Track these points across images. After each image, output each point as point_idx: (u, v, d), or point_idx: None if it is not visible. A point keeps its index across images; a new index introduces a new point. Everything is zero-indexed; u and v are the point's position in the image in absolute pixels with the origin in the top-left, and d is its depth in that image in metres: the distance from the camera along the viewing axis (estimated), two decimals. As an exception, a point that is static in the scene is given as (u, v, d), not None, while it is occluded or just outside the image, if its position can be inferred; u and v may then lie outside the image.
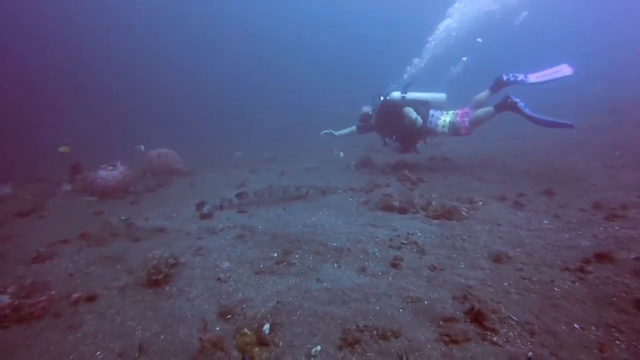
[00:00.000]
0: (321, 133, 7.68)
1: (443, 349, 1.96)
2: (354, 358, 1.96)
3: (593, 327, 1.99)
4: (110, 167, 6.22)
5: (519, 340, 1.96)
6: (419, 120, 6.34)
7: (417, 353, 1.94)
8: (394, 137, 7.00)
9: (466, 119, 6.30)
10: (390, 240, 3.43)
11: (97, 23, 28.35)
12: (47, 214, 5.13)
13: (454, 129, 6.38)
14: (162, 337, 2.33)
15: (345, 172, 7.11)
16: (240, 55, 34.13)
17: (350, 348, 2.04)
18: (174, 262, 3.16)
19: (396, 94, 6.80)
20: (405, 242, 3.36)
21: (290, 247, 3.40)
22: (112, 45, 29.14)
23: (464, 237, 3.38)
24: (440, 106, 6.72)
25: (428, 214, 4.11)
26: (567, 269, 2.60)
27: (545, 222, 3.57)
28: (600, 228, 3.23)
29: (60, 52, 26.92)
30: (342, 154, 8.47)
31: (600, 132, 8.25)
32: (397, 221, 3.97)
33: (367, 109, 7.31)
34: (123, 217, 4.67)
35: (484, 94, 6.44)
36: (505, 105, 5.77)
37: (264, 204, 4.13)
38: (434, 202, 4.34)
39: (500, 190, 4.82)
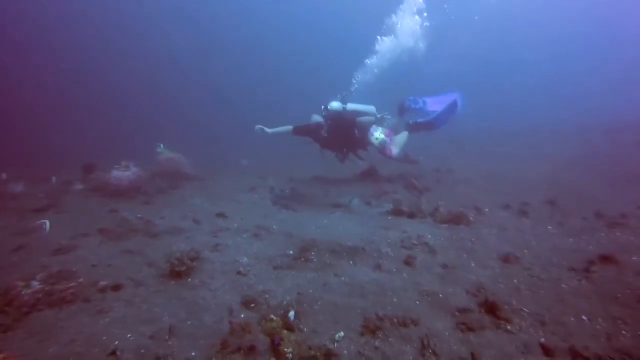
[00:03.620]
0: (256, 127, 6.95)
1: (460, 336, 2.10)
2: (376, 342, 2.09)
3: (600, 319, 2.13)
4: (124, 168, 6.36)
5: (531, 329, 2.10)
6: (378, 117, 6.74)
7: (436, 339, 2.08)
8: (339, 149, 7.03)
9: (391, 140, 7.00)
10: (402, 241, 3.57)
11: (110, 25, 28.84)
12: (63, 210, 5.24)
13: (382, 147, 6.94)
14: (188, 322, 2.45)
15: (352, 180, 7.28)
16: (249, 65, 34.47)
17: (372, 334, 2.17)
18: (196, 255, 3.28)
19: (336, 104, 6.89)
20: (417, 243, 3.51)
21: (305, 245, 3.53)
22: (124, 48, 29.61)
23: (472, 240, 3.54)
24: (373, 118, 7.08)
25: (436, 219, 4.27)
26: (573, 269, 2.76)
27: (550, 228, 3.74)
28: (602, 234, 3.40)
29: (74, 53, 27.32)
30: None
31: (597, 151, 8.51)
32: (407, 225, 4.12)
33: (318, 117, 6.89)
34: (139, 215, 4.80)
35: (394, 120, 7.23)
36: (401, 110, 6.98)
37: (299, 204, 4.10)
38: (441, 209, 4.50)
39: (505, 200, 4.99)
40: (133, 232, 4.21)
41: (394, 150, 6.95)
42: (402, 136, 7.08)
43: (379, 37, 8.97)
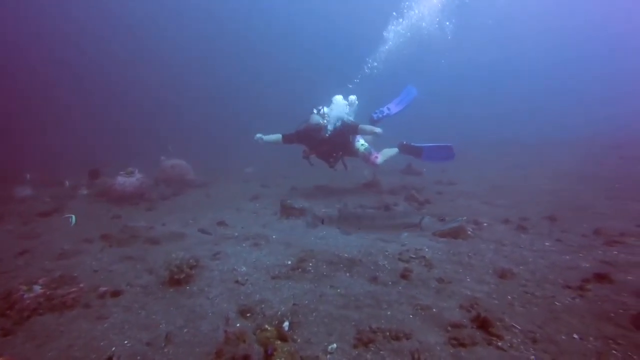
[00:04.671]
0: (255, 137, 6.77)
1: (451, 351, 2.11)
2: (368, 355, 2.12)
3: (592, 338, 2.14)
4: (128, 174, 6.48)
5: (522, 347, 2.11)
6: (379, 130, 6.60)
7: (427, 353, 2.10)
8: (334, 152, 6.79)
9: (378, 151, 7.10)
10: (400, 254, 3.60)
11: (112, 29, 29.35)
12: (68, 215, 5.34)
13: (368, 153, 6.95)
14: (185, 330, 2.49)
15: (355, 191, 7.32)
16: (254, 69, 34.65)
17: (364, 347, 2.20)
18: (195, 263, 3.34)
19: (327, 110, 6.69)
20: (414, 256, 3.53)
21: (304, 256, 3.57)
22: (127, 53, 30.10)
23: (470, 254, 3.55)
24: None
25: (435, 232, 4.28)
26: (568, 287, 2.76)
27: (548, 244, 3.74)
28: (600, 252, 3.39)
29: (76, 58, 27.84)
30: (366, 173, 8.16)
31: (603, 166, 8.48)
32: (406, 237, 4.14)
33: (318, 118, 6.35)
34: (141, 222, 4.87)
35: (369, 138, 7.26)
36: (372, 124, 7.07)
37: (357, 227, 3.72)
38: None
39: (505, 214, 4.99)
40: (135, 238, 4.29)
41: (380, 158, 7.02)
42: (391, 151, 7.19)
43: (394, 13, 9.26)
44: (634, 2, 31.53)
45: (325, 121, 6.40)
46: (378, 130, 6.45)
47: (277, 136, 6.78)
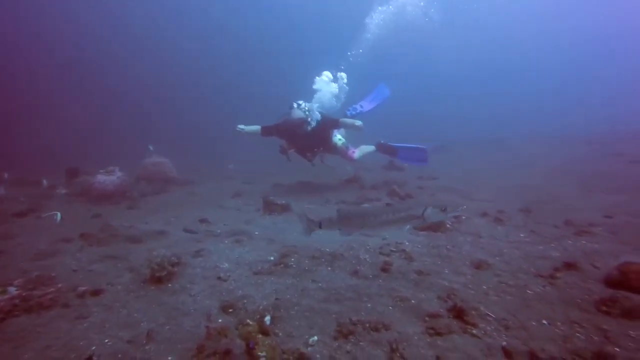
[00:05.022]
0: (237, 127, 6.66)
1: (428, 340, 2.19)
2: (348, 346, 2.18)
3: (559, 323, 2.26)
4: (109, 172, 6.35)
5: (495, 334, 2.21)
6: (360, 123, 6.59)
7: (405, 343, 2.17)
8: (315, 148, 6.79)
9: (355, 146, 7.22)
10: (380, 248, 3.67)
11: (99, 23, 28.49)
12: (45, 215, 5.21)
13: (345, 147, 7.08)
14: (167, 327, 2.50)
15: (337, 186, 7.39)
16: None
17: (344, 338, 2.25)
18: (177, 261, 3.32)
19: (307, 105, 6.64)
20: (395, 250, 3.61)
21: (286, 252, 3.61)
22: (114, 49, 29.30)
23: (448, 247, 3.66)
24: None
25: (416, 226, 4.38)
26: (540, 276, 2.89)
27: (522, 235, 3.89)
28: (570, 242, 3.55)
29: (61, 53, 26.98)
30: (349, 168, 8.17)
31: (578, 161, 8.80)
32: (387, 231, 4.22)
33: (300, 113, 6.25)
34: (122, 221, 4.80)
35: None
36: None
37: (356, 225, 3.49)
38: (421, 216, 4.61)
39: (483, 207, 5.15)
40: (115, 237, 4.22)
41: (357, 153, 7.14)
42: (368, 148, 7.32)
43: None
44: (634, 2, 32.23)
45: (307, 116, 6.34)
46: (359, 123, 6.46)
47: (256, 127, 6.72)
